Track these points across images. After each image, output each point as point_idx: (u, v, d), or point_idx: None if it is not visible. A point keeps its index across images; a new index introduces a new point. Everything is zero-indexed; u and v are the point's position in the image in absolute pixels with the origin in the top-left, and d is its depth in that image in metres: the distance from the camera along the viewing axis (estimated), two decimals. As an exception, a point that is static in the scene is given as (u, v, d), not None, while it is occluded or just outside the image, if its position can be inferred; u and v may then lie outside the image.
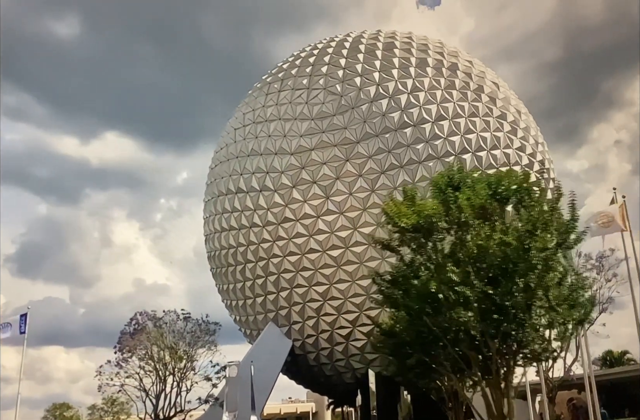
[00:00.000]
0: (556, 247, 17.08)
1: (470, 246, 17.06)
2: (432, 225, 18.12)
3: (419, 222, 18.41)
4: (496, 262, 16.55)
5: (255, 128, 52.81)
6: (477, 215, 17.48)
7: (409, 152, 47.26)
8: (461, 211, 17.39)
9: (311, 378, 53.40)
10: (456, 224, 17.70)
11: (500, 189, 17.64)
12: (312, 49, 55.72)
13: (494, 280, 16.74)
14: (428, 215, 18.09)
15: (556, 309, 17.02)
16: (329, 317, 47.65)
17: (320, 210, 47.79)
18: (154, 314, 43.61)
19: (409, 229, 18.87)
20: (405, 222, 18.76)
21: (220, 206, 53.18)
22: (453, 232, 18.14)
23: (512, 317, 16.67)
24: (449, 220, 17.91)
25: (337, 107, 49.66)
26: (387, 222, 20.06)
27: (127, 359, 41.73)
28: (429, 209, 18.26)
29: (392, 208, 19.73)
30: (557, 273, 17.30)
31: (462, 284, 16.35)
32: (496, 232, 16.92)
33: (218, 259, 53.51)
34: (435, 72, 50.60)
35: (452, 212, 17.74)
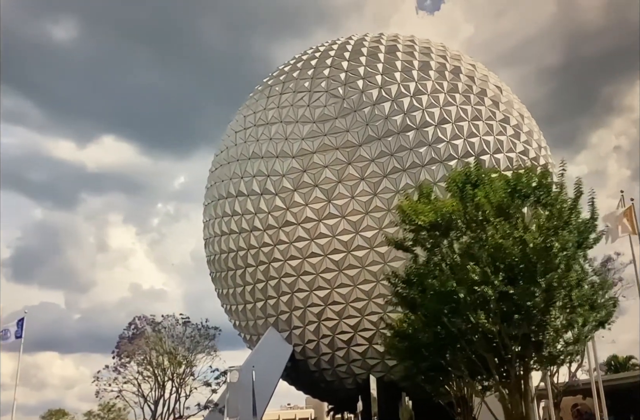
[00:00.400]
0: (576, 247, 16.62)
1: (490, 244, 16.58)
2: (450, 222, 17.61)
3: (437, 220, 17.92)
4: (516, 260, 16.05)
5: (257, 131, 52.38)
6: (496, 213, 17.02)
7: (412, 156, 46.86)
8: (480, 208, 16.92)
9: (311, 383, 52.79)
10: (475, 221, 17.21)
11: (520, 186, 17.18)
12: (314, 52, 55.40)
13: (512, 280, 16.26)
14: (447, 212, 17.58)
15: (578, 310, 16.53)
16: (330, 322, 47.10)
17: (321, 214, 47.30)
18: (153, 319, 43.07)
19: (426, 227, 18.34)
20: (423, 219, 18.26)
21: (220, 210, 52.67)
22: (471, 231, 17.62)
23: (532, 318, 16.18)
24: (468, 217, 17.39)
25: (339, 110, 49.26)
26: (403, 220, 19.50)
27: (125, 364, 41.19)
28: (448, 206, 17.75)
29: (409, 205, 19.21)
30: (579, 272, 16.82)
31: (482, 284, 15.85)
32: (517, 230, 16.44)
33: (218, 263, 52.95)
34: (438, 76, 50.28)
35: (470, 210, 17.24)
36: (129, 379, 40.72)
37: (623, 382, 33.65)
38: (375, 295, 45.92)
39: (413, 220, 18.80)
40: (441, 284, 17.02)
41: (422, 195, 20.06)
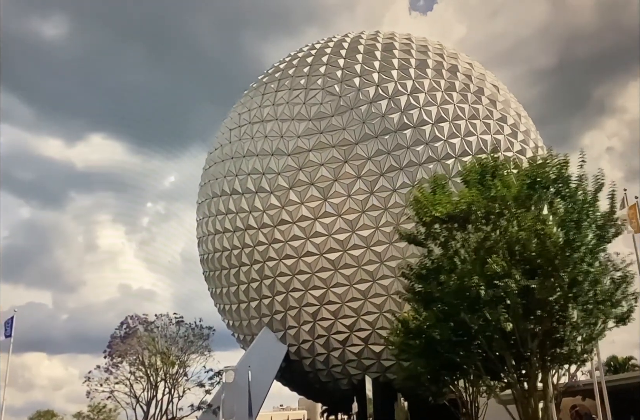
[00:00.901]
0: (597, 240, 16.15)
1: (510, 237, 16.05)
2: (469, 214, 17.01)
3: (455, 211, 17.36)
4: (535, 254, 15.53)
5: (251, 128, 51.79)
6: (516, 205, 16.50)
7: (409, 154, 46.42)
8: (501, 199, 16.36)
9: (306, 384, 52.17)
10: (493, 213, 16.63)
11: (540, 177, 16.67)
12: (310, 49, 54.90)
13: (531, 274, 15.73)
14: (466, 203, 16.96)
15: (599, 306, 16.01)
16: (325, 321, 46.52)
17: (317, 213, 46.75)
18: (146, 318, 42.35)
19: (443, 219, 17.75)
20: (440, 210, 17.68)
21: (214, 208, 52.00)
22: (489, 222, 17.01)
23: (554, 314, 15.66)
24: (487, 209, 16.79)
25: (336, 107, 48.77)
26: (417, 212, 18.91)
27: (117, 364, 40.44)
28: (467, 196, 17.16)
29: (426, 196, 18.62)
30: (602, 266, 16.34)
31: (503, 277, 15.31)
32: (539, 222, 15.91)
33: (212, 261, 52.25)
34: (435, 74, 49.91)
35: (490, 201, 16.65)
36: (121, 379, 39.97)
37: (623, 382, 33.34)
38: (372, 295, 45.41)
39: (429, 212, 18.17)
40: (460, 277, 16.42)
41: (438, 186, 19.42)
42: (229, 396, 37.16)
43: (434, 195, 18.87)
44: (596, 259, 16.21)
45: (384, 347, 45.98)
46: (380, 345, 45.93)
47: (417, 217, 19.19)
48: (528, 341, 16.25)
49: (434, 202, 18.22)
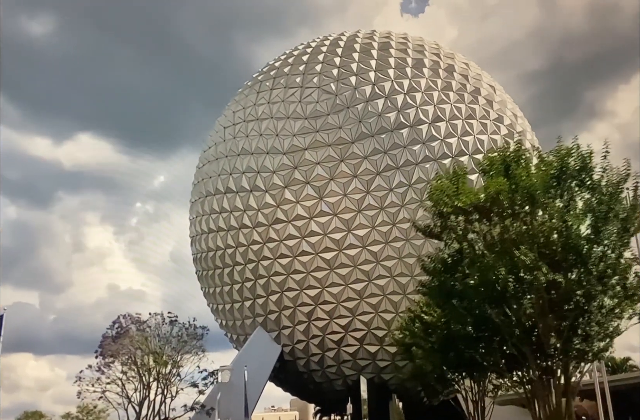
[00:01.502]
0: (623, 233, 15.78)
1: (537, 228, 15.61)
2: (495, 204, 16.47)
3: (480, 201, 16.81)
4: (561, 246, 15.12)
5: (246, 126, 51.28)
6: (543, 195, 16.06)
7: (406, 153, 46.16)
8: (526, 189, 15.89)
9: (300, 385, 51.67)
10: (519, 204, 16.14)
11: (565, 167, 16.26)
12: (305, 48, 54.51)
13: (557, 267, 15.32)
14: (493, 192, 16.39)
15: (627, 300, 15.61)
16: (320, 321, 46.09)
17: (313, 212, 46.35)
18: (138, 317, 41.65)
19: (466, 210, 17.20)
20: (464, 200, 17.15)
21: (208, 206, 51.43)
22: (517, 213, 16.51)
23: (581, 309, 15.27)
24: (514, 199, 16.29)
25: (332, 106, 48.42)
26: (437, 202, 18.31)
27: (109, 364, 39.72)
28: (493, 186, 16.62)
29: (448, 186, 18.05)
30: (630, 260, 15.97)
31: (531, 270, 14.90)
32: (568, 213, 15.51)
33: (205, 261, 51.65)
34: (432, 73, 49.70)
35: (516, 190, 16.13)
36: (113, 379, 39.24)
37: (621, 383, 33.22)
38: (367, 295, 45.07)
39: (450, 202, 17.64)
40: (485, 270, 15.93)
41: (459, 176, 18.92)
42: (224, 396, 36.60)
43: (456, 186, 18.26)
44: (622, 252, 15.84)
45: (379, 348, 45.73)
46: (376, 345, 45.65)
47: (435, 208, 18.63)
48: (551, 336, 15.85)
49: (457, 192, 17.66)
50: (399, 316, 45.00)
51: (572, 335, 15.93)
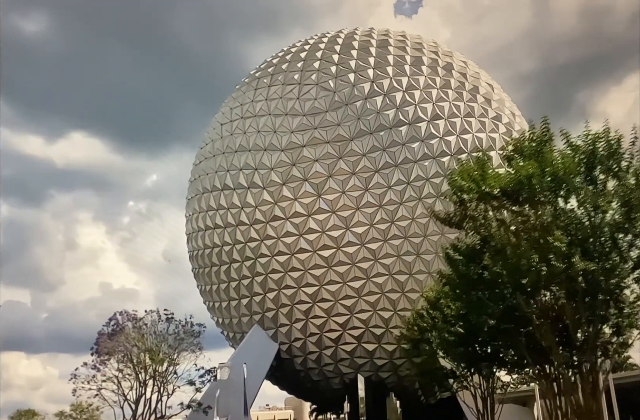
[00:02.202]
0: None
1: (570, 213, 15.24)
2: (525, 189, 15.95)
3: (509, 186, 16.27)
4: (592, 233, 14.74)
5: (244, 123, 50.95)
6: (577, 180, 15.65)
7: (404, 151, 45.98)
8: (558, 174, 15.43)
9: (297, 383, 51.30)
10: (549, 189, 15.70)
11: (597, 152, 15.85)
12: (303, 44, 54.23)
13: (589, 255, 14.93)
14: (525, 176, 15.84)
15: None
16: (318, 319, 45.79)
17: (311, 209, 46.10)
18: (134, 315, 41.22)
19: (496, 195, 16.67)
20: (493, 185, 16.61)
21: (204, 203, 51.02)
22: (547, 198, 16.06)
23: (615, 298, 14.92)
24: (546, 183, 15.81)
25: (330, 103, 48.19)
26: (461, 189, 17.75)
27: (104, 362, 39.27)
28: (525, 169, 16.06)
29: (475, 170, 17.51)
30: None
31: (566, 257, 14.56)
32: (601, 198, 15.10)
33: (201, 258, 51.25)
34: (430, 71, 49.55)
35: (549, 173, 15.63)
36: (109, 376, 38.78)
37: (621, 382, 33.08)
38: (365, 293, 44.82)
39: (475, 187, 17.05)
40: (516, 258, 15.56)
41: (480, 162, 18.33)
42: (223, 394, 36.22)
43: (482, 170, 17.70)
44: None
45: (377, 346, 45.51)
46: (374, 343, 45.42)
47: (456, 196, 18.06)
48: (581, 327, 15.52)
49: (484, 176, 17.10)
50: (397, 314, 44.97)
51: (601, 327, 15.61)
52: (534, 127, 17.53)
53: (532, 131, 17.63)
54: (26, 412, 61.82)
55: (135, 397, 38.92)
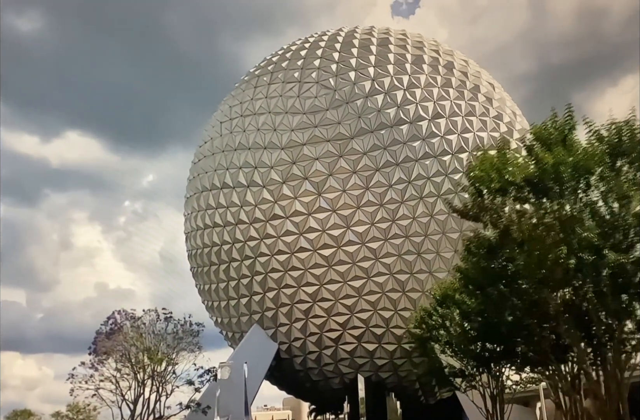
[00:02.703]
0: None
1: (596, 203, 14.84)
2: (550, 178, 15.44)
3: (535, 175, 15.77)
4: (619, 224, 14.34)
5: (243, 121, 50.58)
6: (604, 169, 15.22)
7: (405, 150, 45.71)
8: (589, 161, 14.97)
9: (296, 383, 50.89)
10: (577, 178, 15.24)
11: (623, 143, 15.43)
12: (303, 42, 53.90)
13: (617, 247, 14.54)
14: (552, 164, 15.38)
15: None
16: (318, 319, 45.41)
17: (311, 208, 45.74)
18: (133, 314, 40.82)
19: (520, 184, 16.17)
20: (518, 174, 16.10)
21: (204, 202, 50.61)
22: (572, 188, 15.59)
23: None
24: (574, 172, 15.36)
25: (331, 101, 47.87)
26: (480, 179, 17.23)
27: (102, 361, 38.85)
28: (551, 157, 15.58)
29: (497, 159, 17.01)
30: None
31: (595, 249, 14.17)
32: (633, 188, 14.65)
33: (200, 257, 50.83)
34: (431, 70, 49.29)
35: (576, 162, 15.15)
36: (107, 376, 38.35)
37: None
38: (366, 292, 44.48)
39: (497, 177, 16.56)
40: (544, 251, 15.13)
41: (502, 151, 17.78)
42: (224, 393, 35.81)
43: (504, 159, 17.20)
44: None
45: (377, 346, 45.18)
46: (374, 343, 45.09)
47: (473, 187, 17.53)
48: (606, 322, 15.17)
49: (508, 165, 16.53)
50: (397, 314, 44.68)
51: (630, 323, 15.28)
52: (556, 115, 16.87)
53: (554, 119, 16.99)
54: (22, 412, 61.25)
55: (133, 397, 38.58)
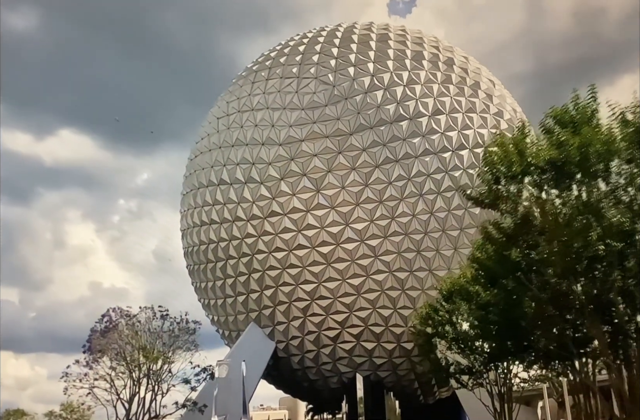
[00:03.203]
0: None
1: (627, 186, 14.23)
2: (576, 161, 14.78)
3: (560, 158, 15.07)
4: None
5: (241, 117, 49.91)
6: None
7: (405, 146, 45.18)
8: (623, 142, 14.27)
9: (293, 382, 50.27)
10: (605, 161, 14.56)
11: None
12: (302, 38, 53.28)
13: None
14: (580, 145, 14.71)
15: None
16: (316, 317, 44.81)
17: (310, 204, 45.14)
18: (128, 311, 40.12)
19: (544, 168, 15.47)
20: (542, 156, 15.26)
21: (200, 199, 49.95)
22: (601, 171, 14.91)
23: None
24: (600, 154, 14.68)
25: (330, 97, 47.28)
26: (502, 160, 16.47)
27: (97, 359, 38.16)
28: (588, 132, 14.81)
29: (518, 141, 16.08)
30: None
31: (626, 234, 13.56)
32: None
33: (197, 254, 50.14)
34: (431, 66, 48.78)
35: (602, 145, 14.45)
36: (101, 375, 37.66)
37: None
38: (365, 290, 43.93)
39: (518, 160, 15.65)
40: (571, 237, 14.49)
41: (522, 132, 17.01)
42: (222, 392, 35.18)
43: (525, 141, 16.38)
44: None
45: (376, 344, 44.65)
46: (373, 342, 44.54)
47: (490, 173, 16.80)
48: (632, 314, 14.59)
49: (531, 147, 15.68)
50: (397, 312, 44.16)
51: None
52: (578, 97, 16.13)
53: (576, 101, 16.21)
54: (15, 411, 60.45)
55: (128, 396, 37.90)
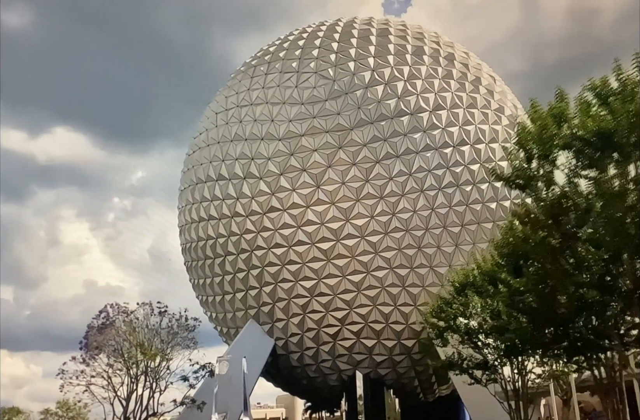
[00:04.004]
0: None
1: None
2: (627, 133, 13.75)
3: (610, 128, 13.32)
4: None
5: (240, 112, 49.37)
6: None
7: (406, 141, 44.75)
8: None
9: (292, 380, 49.78)
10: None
11: None
12: (301, 32, 52.78)
13: None
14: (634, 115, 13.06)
15: None
16: (315, 314, 44.35)
17: (309, 200, 44.67)
18: (126, 308, 39.63)
19: (590, 140, 13.78)
20: (590, 126, 13.71)
21: (198, 194, 49.40)
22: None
23: None
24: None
25: (330, 91, 46.79)
26: (541, 135, 15.53)
27: (94, 356, 37.66)
28: (635, 107, 13.24)
29: (561, 111, 14.69)
30: None
31: None
32: None
33: (194, 251, 49.61)
34: (432, 61, 48.35)
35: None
36: (98, 372, 37.15)
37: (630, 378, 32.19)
38: (365, 287, 43.50)
39: (559, 132, 14.38)
40: (624, 214, 13.58)
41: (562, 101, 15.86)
42: (222, 389, 34.70)
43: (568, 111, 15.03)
44: None
45: (376, 342, 44.26)
46: (373, 339, 44.15)
47: (523, 149, 15.84)
48: None
49: (586, 113, 14.29)
50: (397, 309, 43.76)
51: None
52: (620, 68, 15.12)
53: (618, 72, 15.18)
54: (10, 410, 59.95)
55: (126, 394, 37.43)
